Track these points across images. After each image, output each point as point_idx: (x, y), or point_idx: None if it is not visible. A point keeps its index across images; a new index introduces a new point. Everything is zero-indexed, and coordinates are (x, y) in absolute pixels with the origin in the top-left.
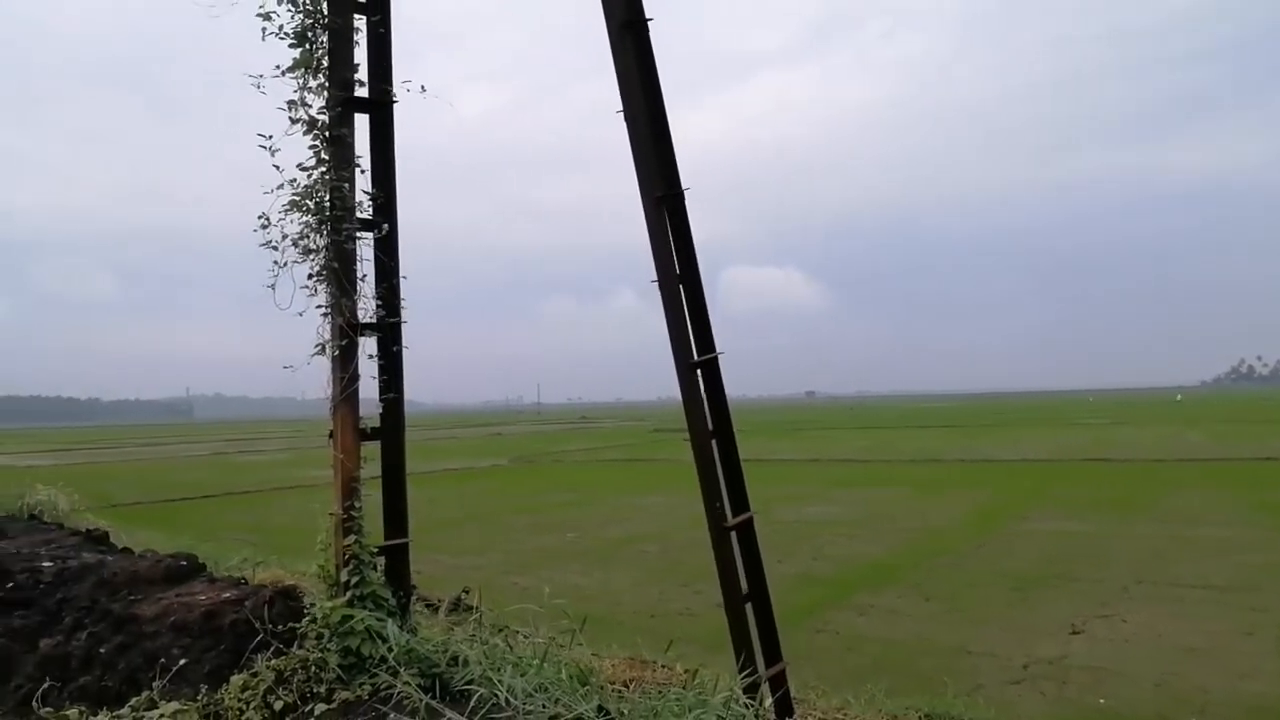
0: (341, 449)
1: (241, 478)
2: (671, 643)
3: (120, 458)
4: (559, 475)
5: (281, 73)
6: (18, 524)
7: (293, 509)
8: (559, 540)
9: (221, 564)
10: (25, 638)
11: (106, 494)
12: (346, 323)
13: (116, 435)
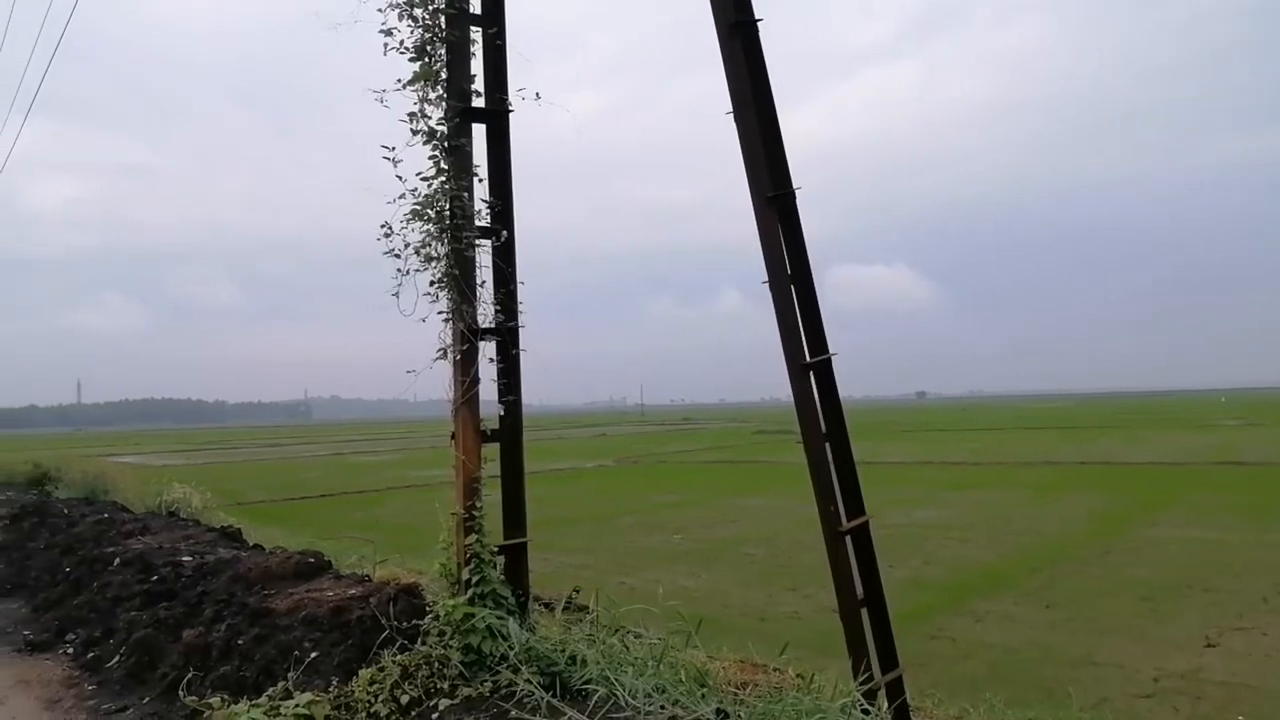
0: (463, 450)
1: (357, 478)
2: (786, 645)
3: (245, 458)
4: (663, 476)
5: (402, 86)
6: (159, 520)
7: (406, 508)
8: (665, 541)
9: (342, 561)
10: (170, 628)
11: (234, 492)
12: (467, 328)
13: (241, 436)
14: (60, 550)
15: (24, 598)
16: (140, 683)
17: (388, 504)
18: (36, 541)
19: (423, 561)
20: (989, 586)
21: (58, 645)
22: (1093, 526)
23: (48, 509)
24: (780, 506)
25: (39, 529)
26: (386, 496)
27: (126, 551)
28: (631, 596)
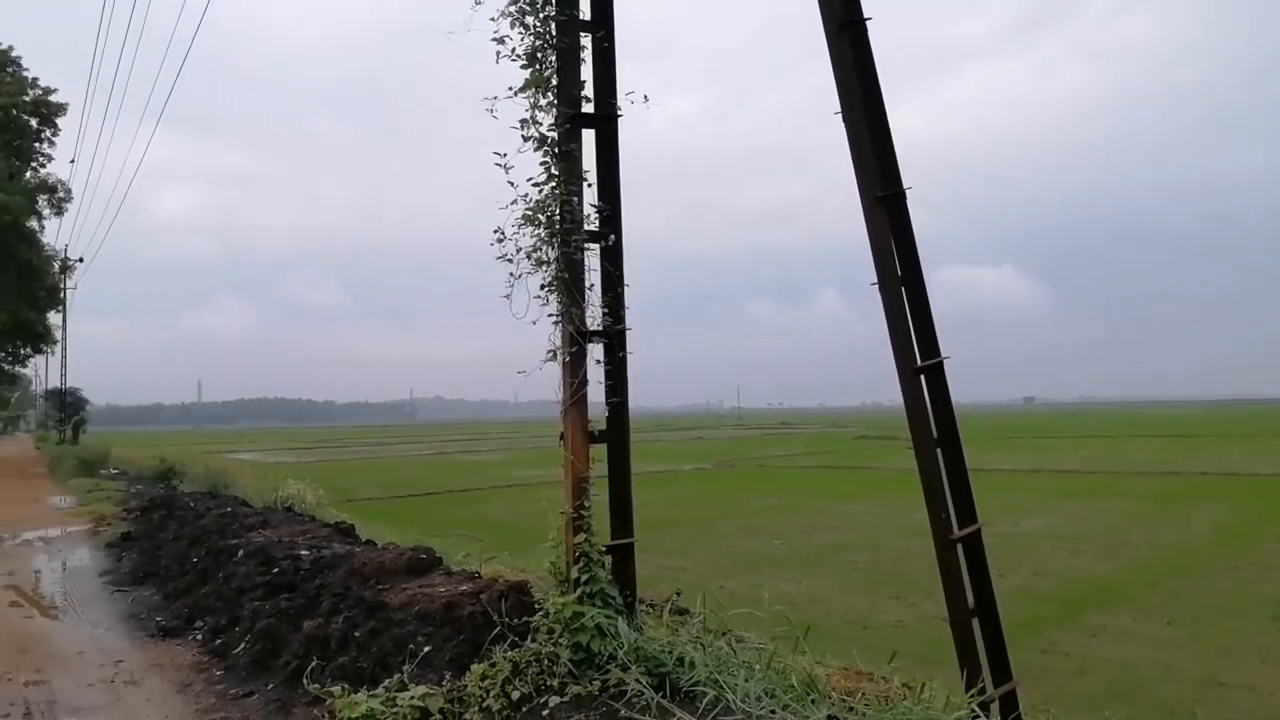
0: (572, 450)
1: (461, 477)
2: (895, 653)
3: (353, 456)
4: (762, 480)
5: (514, 94)
6: (277, 514)
7: (508, 507)
8: (765, 546)
9: (450, 558)
10: (291, 618)
11: (343, 489)
12: (576, 330)
13: (349, 435)
14: (188, 541)
15: (155, 585)
16: (264, 669)
17: (491, 502)
18: (166, 533)
19: (527, 559)
20: (1105, 600)
21: (187, 632)
22: (1217, 540)
23: (175, 502)
24: (883, 513)
25: (168, 521)
26: (490, 495)
27: (249, 544)
28: (731, 601)
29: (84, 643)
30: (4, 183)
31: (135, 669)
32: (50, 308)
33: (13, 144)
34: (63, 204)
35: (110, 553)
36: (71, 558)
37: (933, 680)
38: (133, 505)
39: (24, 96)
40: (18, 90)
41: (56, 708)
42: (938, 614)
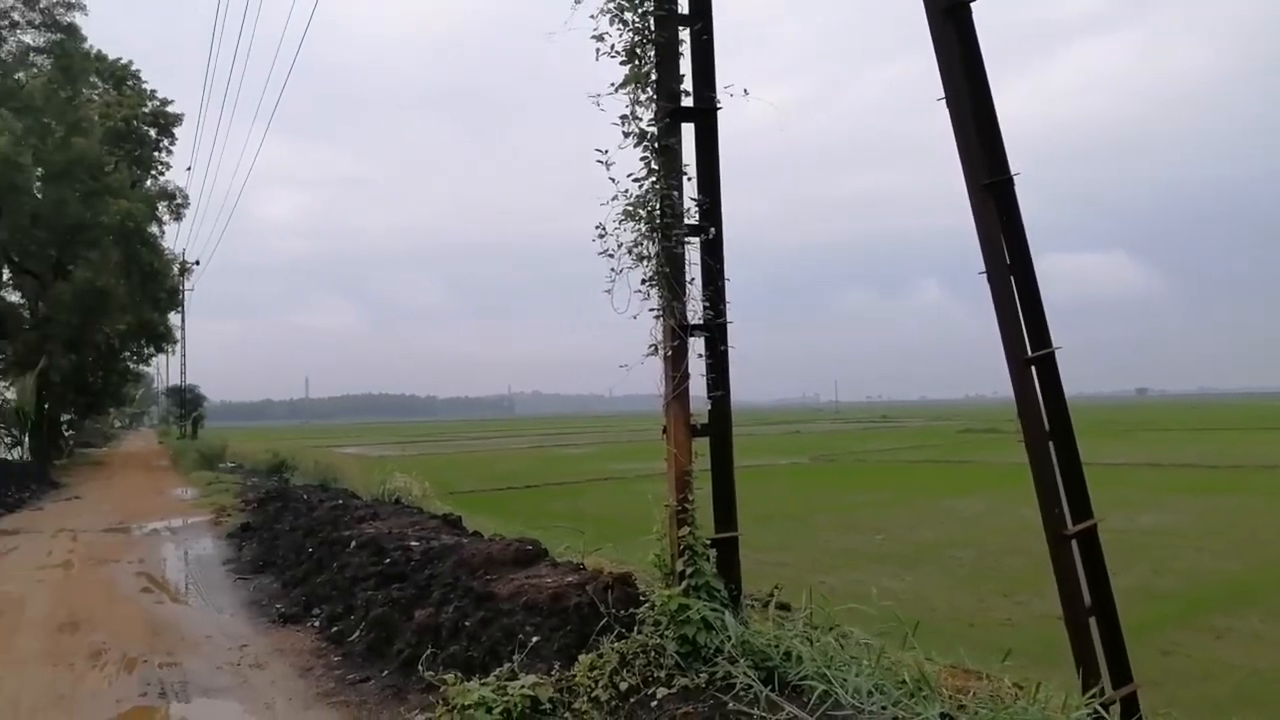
0: (674, 444)
1: (559, 469)
2: (1009, 652)
3: (454, 449)
4: (862, 475)
5: (615, 90)
6: (386, 507)
7: (606, 500)
8: (866, 541)
9: (553, 549)
10: (403, 608)
11: (446, 482)
12: (678, 324)
13: (450, 429)
14: (303, 532)
15: (274, 574)
16: (379, 656)
17: (588, 495)
18: (282, 524)
19: (627, 552)
20: (1230, 601)
21: (305, 619)
22: None
23: (289, 494)
24: (990, 508)
25: (283, 512)
26: (587, 488)
27: (361, 535)
28: (832, 597)
29: (211, 627)
30: (128, 191)
31: (259, 653)
32: (170, 309)
33: (134, 154)
34: (180, 209)
35: (231, 542)
36: (196, 547)
37: (1047, 681)
38: (250, 497)
39: (143, 108)
40: (137, 103)
41: (189, 688)
42: (1048, 612)
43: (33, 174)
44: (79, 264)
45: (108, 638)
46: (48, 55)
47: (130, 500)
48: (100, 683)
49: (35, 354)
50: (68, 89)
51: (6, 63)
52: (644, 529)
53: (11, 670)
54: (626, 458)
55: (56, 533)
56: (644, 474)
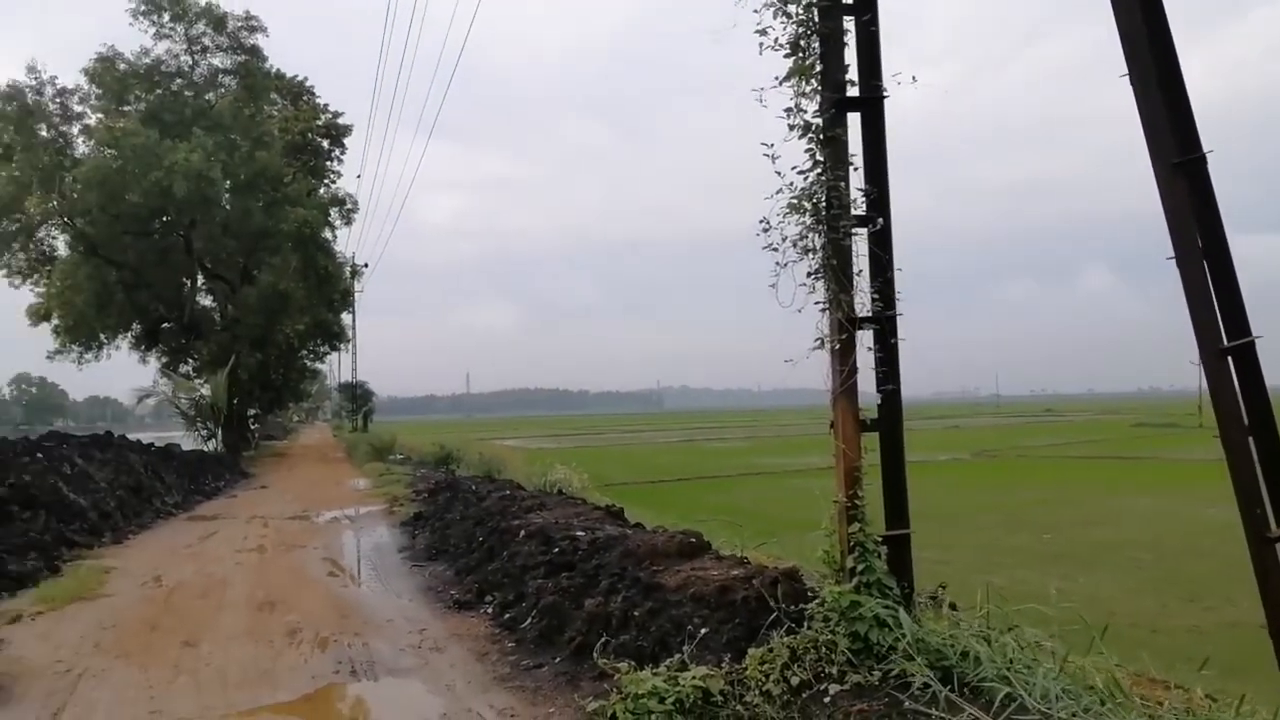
0: (843, 439)
1: (709, 463)
2: (1206, 660)
3: (606, 443)
4: (1026, 471)
5: (779, 83)
6: (551, 498)
7: (758, 494)
8: (1033, 540)
9: (712, 542)
10: (572, 596)
11: (600, 475)
12: (845, 317)
13: (602, 423)
14: (473, 522)
15: (447, 561)
16: (550, 644)
17: (739, 489)
18: (452, 513)
19: (785, 547)
20: None
21: (479, 605)
22: None
23: (458, 485)
24: (1169, 507)
25: (453, 502)
26: (738, 482)
27: (529, 525)
28: (999, 597)
29: (391, 611)
30: (304, 200)
31: (438, 637)
32: (343, 309)
33: (309, 164)
34: (351, 215)
35: (405, 530)
36: (373, 534)
37: (1230, 693)
38: (420, 488)
39: (317, 121)
40: (312, 116)
41: (376, 667)
42: (1241, 620)
43: (222, 187)
44: (263, 269)
45: (301, 618)
46: (233, 76)
47: (312, 490)
48: (297, 659)
49: (226, 353)
50: (251, 106)
51: (198, 84)
52: (799, 523)
53: (220, 646)
54: (776, 452)
55: (250, 519)
56: (794, 469)
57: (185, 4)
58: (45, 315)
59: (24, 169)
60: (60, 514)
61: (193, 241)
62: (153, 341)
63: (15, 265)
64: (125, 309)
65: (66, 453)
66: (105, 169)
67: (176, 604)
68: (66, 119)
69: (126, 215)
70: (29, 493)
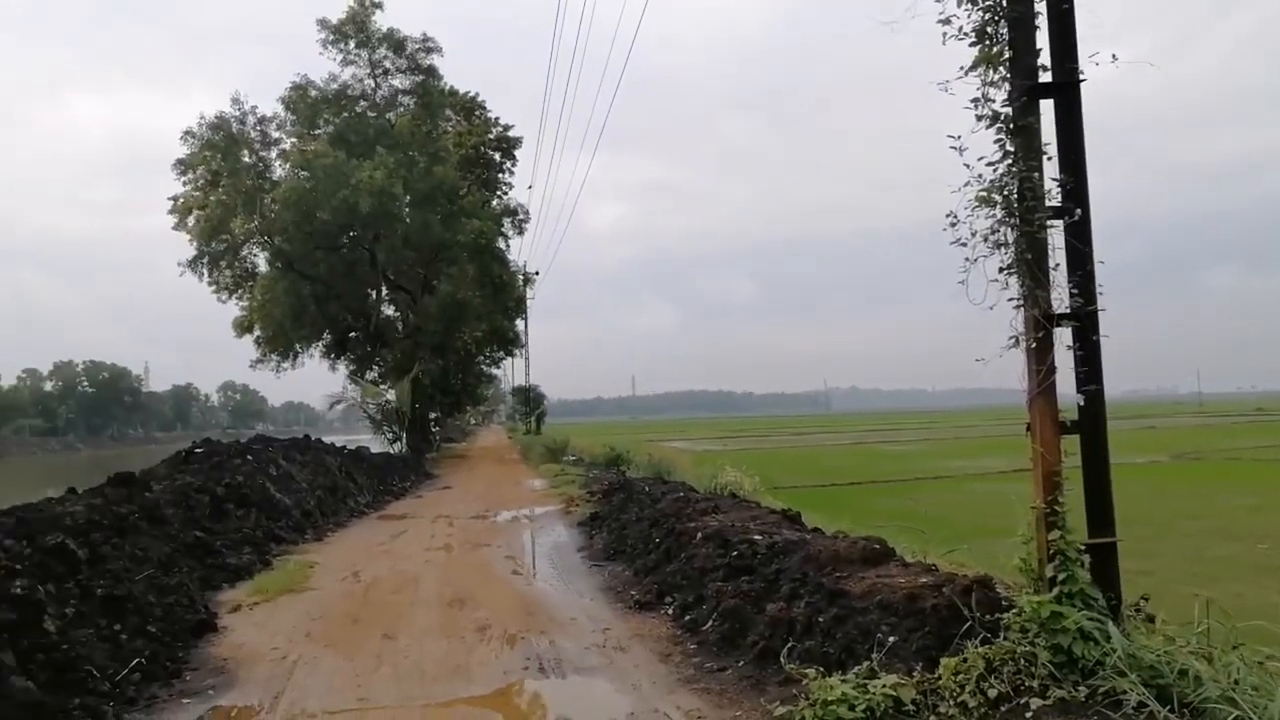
0: (1040, 442)
1: (882, 466)
2: None
3: (774, 445)
4: (1235, 475)
5: (964, 72)
6: (725, 500)
7: (937, 499)
8: (1246, 551)
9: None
10: (753, 600)
11: (768, 477)
12: (1042, 314)
13: (768, 425)
14: (649, 523)
15: (625, 562)
16: (733, 647)
17: (917, 493)
18: (628, 514)
19: (968, 555)
20: None
21: (659, 606)
22: None
23: (631, 486)
24: None
25: (628, 504)
26: (914, 486)
27: (705, 527)
28: (1210, 610)
29: (574, 610)
30: (479, 211)
31: (620, 637)
32: (517, 316)
33: (481, 176)
34: (523, 225)
35: (582, 530)
36: (552, 534)
37: None
38: (594, 489)
39: (489, 135)
40: (484, 130)
41: (563, 665)
42: None
43: (403, 202)
44: (441, 279)
45: (489, 614)
46: (411, 95)
47: (492, 490)
48: (488, 655)
49: (408, 360)
50: (428, 124)
51: (380, 105)
52: (983, 530)
53: (415, 640)
54: (955, 455)
55: (435, 518)
56: (975, 473)
57: (369, 31)
58: (248, 327)
59: (230, 193)
60: (269, 512)
61: (377, 254)
62: (341, 350)
63: (223, 281)
64: (317, 320)
65: (271, 455)
66: (299, 189)
67: (374, 599)
68: (265, 145)
69: (318, 232)
70: (242, 492)
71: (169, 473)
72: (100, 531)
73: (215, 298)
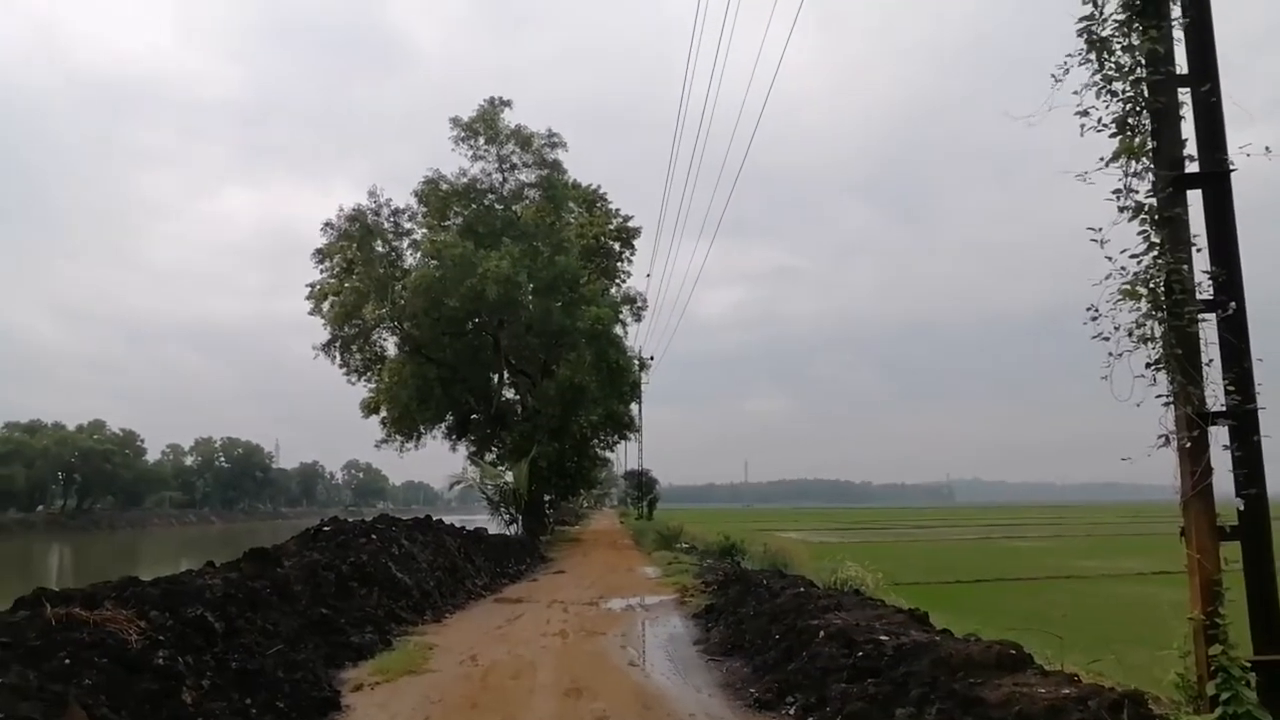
0: (1197, 548)
1: (1010, 564)
2: None
3: (894, 538)
4: None
5: (1105, 164)
6: (848, 597)
7: (1069, 600)
8: None
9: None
10: (880, 704)
11: (888, 572)
12: (1195, 412)
13: (887, 516)
14: (767, 619)
15: (743, 658)
16: None
17: (1045, 594)
18: (745, 608)
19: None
20: None
21: (779, 706)
22: None
23: (749, 578)
24: None
25: (745, 596)
26: (1044, 586)
27: (828, 625)
28: None
29: (693, 705)
30: (598, 299)
31: None
32: (631, 400)
33: (601, 265)
34: (640, 312)
35: (697, 623)
36: (667, 625)
37: None
38: (709, 579)
39: (609, 225)
40: (605, 221)
41: None
42: None
43: (526, 290)
44: (560, 364)
45: (606, 706)
46: (536, 188)
47: (605, 576)
48: None
49: (527, 442)
50: (552, 215)
51: (506, 198)
52: (1125, 637)
53: None
54: (1088, 554)
55: (550, 603)
56: (1112, 574)
57: (498, 128)
58: (375, 408)
59: (364, 280)
60: (390, 591)
61: (500, 340)
62: (463, 431)
63: (353, 364)
64: (442, 402)
65: (395, 534)
66: (429, 278)
67: (492, 683)
68: (398, 235)
69: (445, 318)
70: (366, 570)
71: (298, 549)
72: (235, 605)
73: (345, 379)
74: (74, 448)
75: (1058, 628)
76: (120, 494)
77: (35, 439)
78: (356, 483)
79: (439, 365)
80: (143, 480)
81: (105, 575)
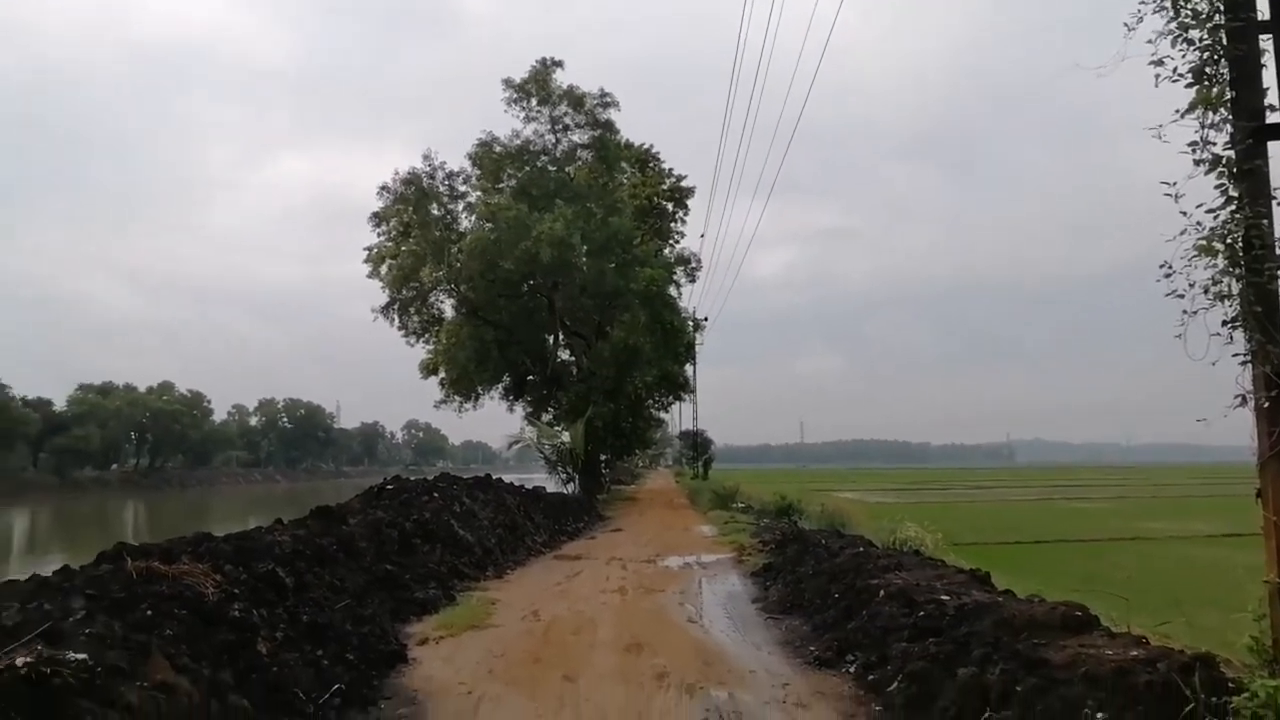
0: (1274, 510)
1: (1072, 525)
2: None
3: (953, 498)
4: None
5: (1180, 115)
6: (908, 558)
7: (1134, 562)
8: None
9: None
10: (941, 664)
11: (947, 533)
12: (1274, 370)
13: (946, 477)
14: (826, 578)
15: (802, 616)
16: (922, 711)
17: (1109, 555)
18: (804, 567)
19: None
20: None
21: (839, 664)
22: None
23: (806, 538)
24: None
25: (803, 556)
26: (1107, 548)
27: (888, 585)
28: None
29: (752, 662)
30: (651, 260)
31: (801, 693)
32: (686, 361)
33: (655, 226)
34: (694, 272)
35: (756, 581)
36: (725, 583)
37: None
38: (766, 538)
39: (662, 186)
40: (658, 182)
41: (744, 719)
42: None
43: (580, 251)
44: (615, 325)
45: (667, 662)
46: (589, 149)
47: (662, 534)
48: (668, 704)
49: (582, 403)
50: (605, 176)
51: (559, 160)
52: (1195, 600)
53: (595, 685)
54: (1155, 515)
55: (609, 560)
56: (1180, 535)
57: (550, 89)
58: (433, 369)
59: (420, 243)
60: (453, 548)
61: (555, 302)
62: (519, 392)
63: (411, 326)
64: (498, 363)
65: (456, 492)
66: (484, 240)
67: (554, 639)
68: (453, 198)
69: (501, 280)
70: (429, 528)
71: (362, 507)
72: (304, 560)
73: (404, 341)
74: (145, 409)
75: (1122, 589)
76: (189, 453)
77: (108, 400)
78: (416, 442)
79: (495, 327)
80: (210, 440)
81: (179, 531)
